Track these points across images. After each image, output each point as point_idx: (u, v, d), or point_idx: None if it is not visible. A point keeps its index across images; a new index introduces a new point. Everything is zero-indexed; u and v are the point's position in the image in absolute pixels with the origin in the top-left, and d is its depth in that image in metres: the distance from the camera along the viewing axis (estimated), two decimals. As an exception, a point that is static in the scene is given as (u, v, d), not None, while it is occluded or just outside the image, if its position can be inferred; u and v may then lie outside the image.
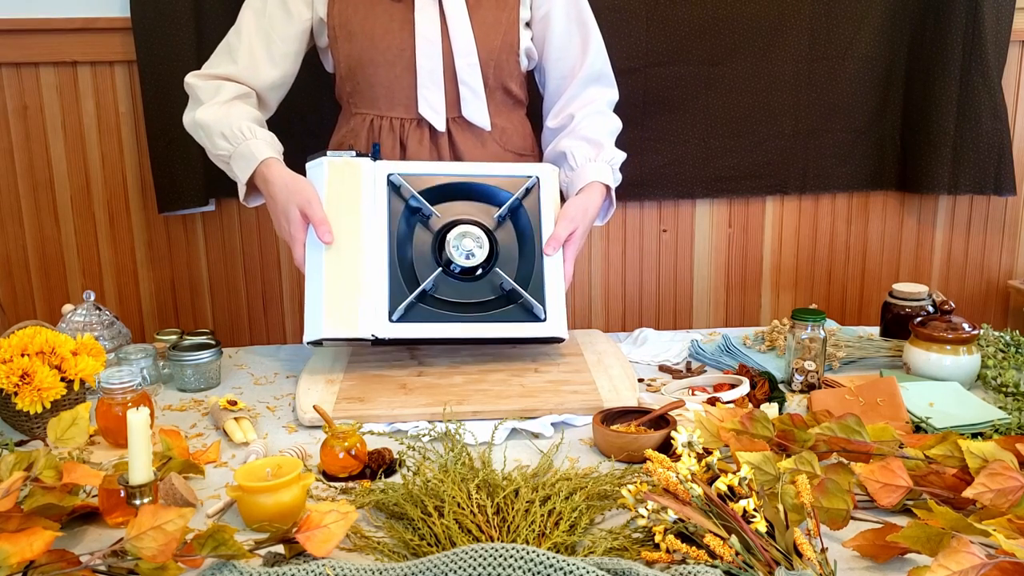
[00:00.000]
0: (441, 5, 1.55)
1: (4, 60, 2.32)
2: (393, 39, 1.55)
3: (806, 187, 2.59)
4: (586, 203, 1.52)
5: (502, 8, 1.59)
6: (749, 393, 1.35)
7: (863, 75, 2.51)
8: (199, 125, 1.54)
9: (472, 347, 1.52)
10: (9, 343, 1.27)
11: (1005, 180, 2.53)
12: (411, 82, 1.57)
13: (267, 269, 2.56)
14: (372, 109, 1.62)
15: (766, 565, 0.86)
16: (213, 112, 1.52)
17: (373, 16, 1.56)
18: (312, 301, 1.40)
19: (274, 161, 1.48)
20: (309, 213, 1.41)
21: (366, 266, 1.42)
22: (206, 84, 1.56)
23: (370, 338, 1.39)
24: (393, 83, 1.58)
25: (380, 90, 1.59)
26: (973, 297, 2.75)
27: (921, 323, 1.43)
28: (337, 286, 1.40)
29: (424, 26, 1.54)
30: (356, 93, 1.62)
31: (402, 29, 1.55)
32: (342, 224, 1.43)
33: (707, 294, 2.70)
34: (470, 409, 1.31)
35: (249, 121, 1.51)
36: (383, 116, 1.61)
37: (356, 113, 1.64)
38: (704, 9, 2.41)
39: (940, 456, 1.04)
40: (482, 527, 0.95)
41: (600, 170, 1.57)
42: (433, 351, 1.52)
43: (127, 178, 2.45)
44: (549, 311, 1.45)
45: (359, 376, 1.42)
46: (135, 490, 0.99)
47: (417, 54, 1.55)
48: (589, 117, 1.64)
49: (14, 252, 2.45)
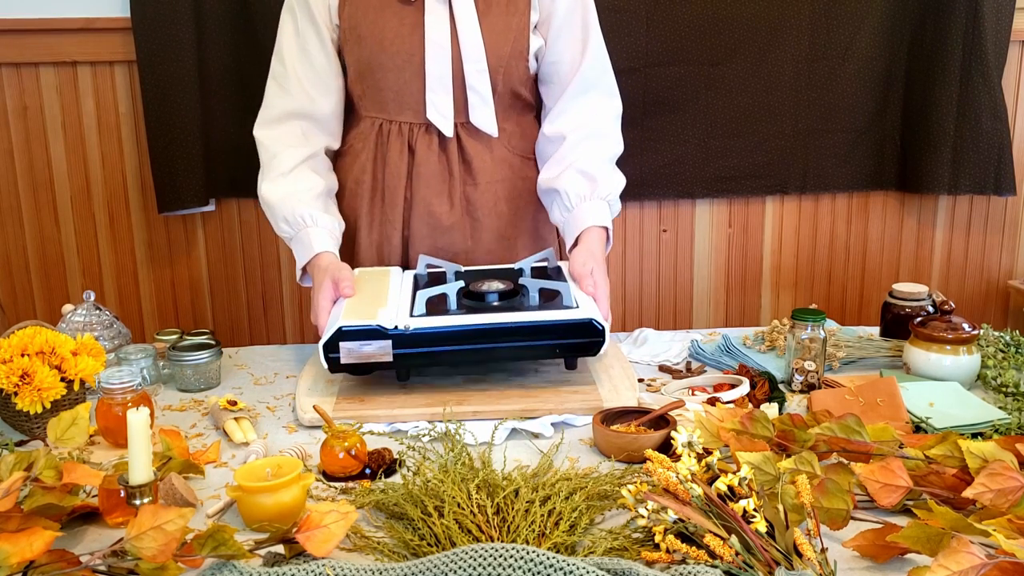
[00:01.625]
0: (451, 9, 1.54)
1: (4, 60, 2.32)
2: (403, 43, 1.54)
3: (806, 187, 2.59)
4: (591, 249, 1.48)
5: (512, 13, 1.57)
6: (749, 393, 1.35)
7: (863, 75, 2.51)
8: (264, 203, 1.55)
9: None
10: (9, 343, 1.27)
11: (1005, 180, 2.53)
12: (420, 87, 1.56)
13: (267, 269, 2.56)
14: (381, 113, 1.61)
15: (766, 565, 0.86)
16: (277, 190, 1.53)
17: (383, 20, 1.54)
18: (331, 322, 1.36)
19: (328, 254, 1.49)
20: (339, 279, 1.42)
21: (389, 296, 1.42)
22: (270, 143, 1.56)
23: (391, 331, 1.29)
24: (402, 87, 1.57)
25: (389, 94, 1.58)
26: (973, 297, 2.75)
27: (921, 323, 1.43)
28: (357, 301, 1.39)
29: (434, 31, 1.53)
30: (366, 96, 1.60)
31: (412, 33, 1.54)
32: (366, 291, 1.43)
33: (707, 294, 2.70)
34: (470, 409, 1.31)
35: (311, 203, 1.51)
36: (392, 120, 1.60)
37: (365, 116, 1.63)
38: (704, 9, 2.41)
39: (940, 456, 1.04)
40: (482, 527, 0.95)
41: (597, 211, 1.52)
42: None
43: (127, 178, 2.45)
44: (581, 302, 1.37)
45: (359, 376, 1.42)
46: (135, 490, 0.99)
47: (426, 59, 1.54)
48: (583, 143, 1.58)
49: (14, 252, 2.45)
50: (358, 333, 1.30)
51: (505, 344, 1.34)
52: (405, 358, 1.32)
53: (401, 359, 1.32)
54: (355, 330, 1.30)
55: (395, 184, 1.62)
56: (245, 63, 2.35)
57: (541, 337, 1.33)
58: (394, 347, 1.30)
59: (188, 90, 2.30)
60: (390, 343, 1.30)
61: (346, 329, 1.29)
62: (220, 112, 2.37)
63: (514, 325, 1.32)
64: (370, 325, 1.30)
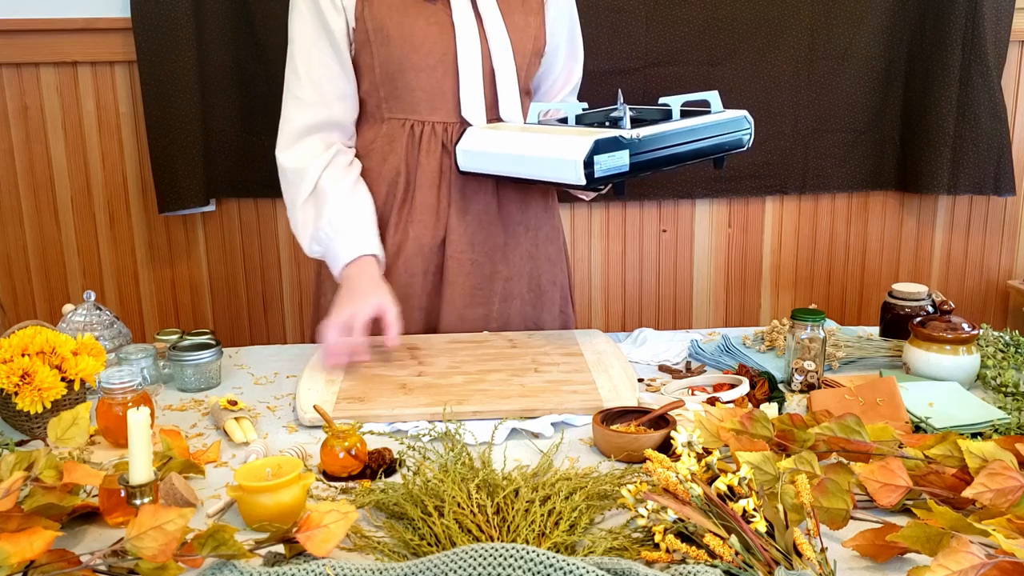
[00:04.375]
0: (476, 8, 1.54)
1: (4, 60, 2.32)
2: (434, 43, 1.53)
3: (806, 187, 2.59)
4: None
5: (529, 12, 1.59)
6: (749, 393, 1.35)
7: (863, 75, 2.51)
8: (295, 231, 1.56)
9: (473, 347, 1.53)
10: (9, 343, 1.27)
11: (1005, 180, 2.53)
12: (452, 86, 1.55)
13: (267, 269, 2.56)
14: (412, 114, 1.58)
15: (766, 565, 0.86)
16: (302, 216, 1.54)
17: (409, 20, 1.52)
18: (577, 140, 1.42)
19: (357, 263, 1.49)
20: (385, 317, 1.42)
21: None
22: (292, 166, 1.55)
23: (626, 140, 1.38)
24: (434, 87, 1.55)
25: (421, 95, 1.56)
26: (973, 297, 2.75)
27: (921, 323, 1.44)
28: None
29: (464, 29, 1.53)
30: (393, 98, 1.57)
31: (442, 32, 1.53)
32: None
33: (707, 294, 2.70)
34: (470, 409, 1.31)
35: (332, 214, 1.51)
36: (424, 121, 1.58)
37: (391, 118, 1.59)
38: (704, 9, 2.42)
39: (940, 456, 1.04)
40: (482, 527, 0.95)
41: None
42: (433, 350, 1.52)
43: (127, 178, 2.45)
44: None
45: (359, 376, 1.42)
46: (135, 490, 0.99)
47: (459, 58, 1.53)
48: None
49: (14, 252, 2.46)
50: (607, 144, 1.37)
51: (696, 145, 1.51)
52: (635, 167, 1.41)
53: (633, 168, 1.40)
54: (606, 140, 1.37)
55: (428, 184, 1.59)
56: (245, 63, 2.35)
57: (718, 133, 1.54)
58: (631, 155, 1.40)
59: (188, 90, 2.30)
60: (627, 152, 1.39)
61: (600, 141, 1.36)
62: (220, 112, 2.37)
63: (708, 125, 1.51)
64: (613, 137, 1.38)
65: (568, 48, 1.69)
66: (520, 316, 1.69)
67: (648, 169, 1.45)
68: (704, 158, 1.56)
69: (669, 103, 1.54)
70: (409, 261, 1.62)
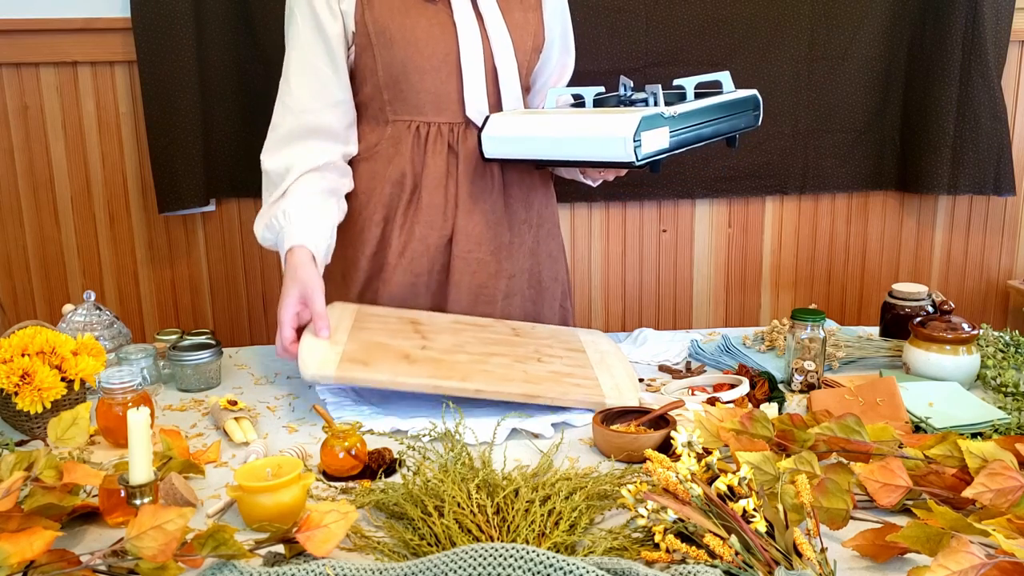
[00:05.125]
0: (476, 7, 1.55)
1: (4, 60, 2.32)
2: (437, 44, 1.53)
3: (806, 187, 2.59)
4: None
5: (527, 8, 1.60)
6: (749, 393, 1.35)
7: (863, 76, 2.51)
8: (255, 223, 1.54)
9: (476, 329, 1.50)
10: (9, 343, 1.27)
11: (1004, 180, 2.53)
12: (456, 86, 1.55)
13: (267, 269, 2.56)
14: (418, 116, 1.57)
15: (766, 565, 0.86)
16: (265, 209, 1.52)
17: (411, 21, 1.52)
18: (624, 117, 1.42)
19: (298, 249, 1.45)
20: (310, 304, 1.39)
21: None
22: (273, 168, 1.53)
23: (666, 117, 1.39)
24: (439, 88, 1.55)
25: (426, 96, 1.55)
26: (973, 297, 2.75)
27: (921, 323, 1.44)
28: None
29: (466, 29, 1.53)
30: (398, 100, 1.57)
31: (444, 33, 1.53)
32: None
33: (707, 294, 2.70)
34: (473, 387, 1.29)
35: (289, 206, 1.48)
36: (430, 122, 1.57)
37: (396, 120, 1.58)
38: (704, 9, 2.42)
39: (940, 456, 1.04)
40: (482, 527, 0.95)
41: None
42: (435, 328, 1.49)
43: (127, 178, 2.45)
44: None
45: (363, 341, 1.39)
46: (135, 490, 0.99)
47: (462, 58, 1.53)
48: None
49: (14, 252, 2.46)
50: (650, 121, 1.36)
51: (720, 124, 1.53)
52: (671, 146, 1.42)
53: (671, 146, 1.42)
54: (649, 117, 1.37)
55: (434, 184, 1.59)
56: (245, 63, 2.35)
57: (737, 111, 1.58)
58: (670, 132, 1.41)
59: (188, 90, 2.30)
60: (667, 129, 1.40)
61: (646, 118, 1.36)
62: (220, 112, 2.37)
63: (729, 102, 1.55)
64: (656, 114, 1.38)
65: (561, 42, 1.70)
66: (521, 312, 1.69)
67: (679, 148, 1.45)
68: (723, 137, 1.57)
69: (683, 84, 1.57)
70: (414, 261, 1.61)
